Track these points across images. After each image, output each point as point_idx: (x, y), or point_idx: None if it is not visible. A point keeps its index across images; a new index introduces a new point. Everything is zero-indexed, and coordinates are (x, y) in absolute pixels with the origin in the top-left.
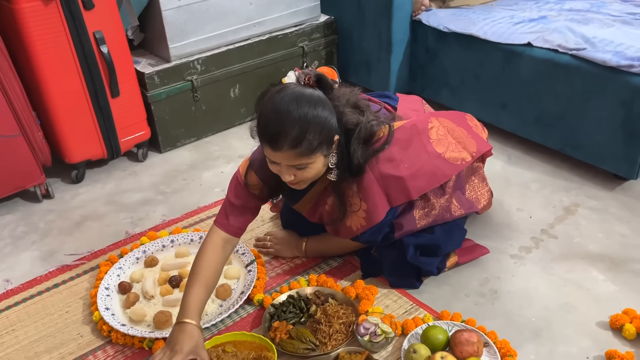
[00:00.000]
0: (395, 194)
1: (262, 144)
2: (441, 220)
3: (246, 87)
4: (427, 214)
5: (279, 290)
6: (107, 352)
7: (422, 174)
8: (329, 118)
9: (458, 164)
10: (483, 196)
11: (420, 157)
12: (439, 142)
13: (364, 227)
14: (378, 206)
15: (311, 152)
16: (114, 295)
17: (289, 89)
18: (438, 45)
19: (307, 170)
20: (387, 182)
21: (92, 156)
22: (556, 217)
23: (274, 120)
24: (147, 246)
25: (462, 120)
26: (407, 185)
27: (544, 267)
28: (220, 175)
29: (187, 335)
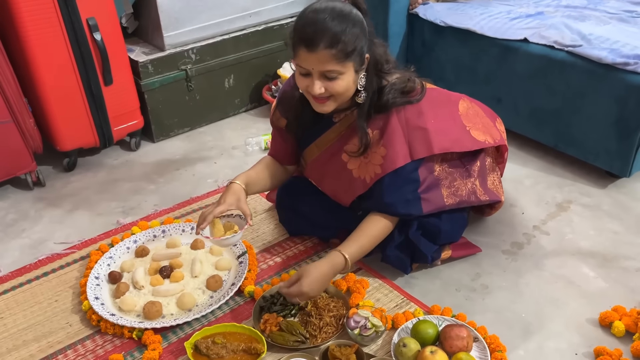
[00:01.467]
0: (419, 145)
1: (297, 50)
2: (467, 202)
3: (241, 77)
4: (454, 192)
5: (270, 282)
6: (96, 341)
7: (448, 133)
8: (362, 34)
9: (481, 141)
10: (501, 193)
11: (447, 120)
12: (467, 118)
13: (378, 175)
14: (398, 153)
15: (345, 56)
16: (104, 285)
17: (330, 1)
18: (434, 39)
19: (338, 82)
20: (411, 131)
21: (84, 144)
22: (548, 213)
23: (314, 19)
24: (138, 236)
25: (491, 116)
26: (431, 138)
27: (536, 263)
28: (214, 166)
29: (230, 191)
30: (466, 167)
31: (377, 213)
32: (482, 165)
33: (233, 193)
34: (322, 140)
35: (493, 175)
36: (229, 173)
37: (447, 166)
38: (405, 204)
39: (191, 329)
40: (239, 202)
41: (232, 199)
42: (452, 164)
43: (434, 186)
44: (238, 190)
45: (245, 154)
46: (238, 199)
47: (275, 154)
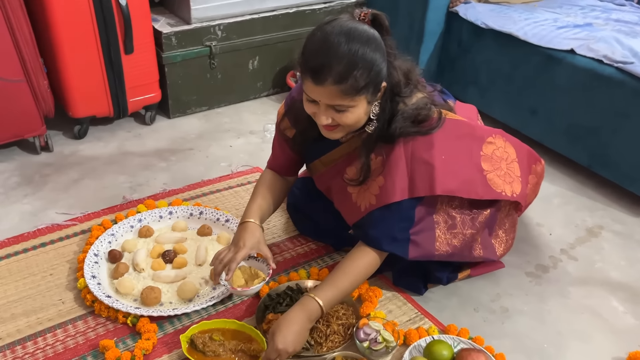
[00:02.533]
0: (420, 181)
1: (304, 78)
2: (459, 256)
3: (265, 60)
4: (448, 241)
5: (276, 279)
6: (87, 323)
7: (456, 175)
8: (379, 61)
9: (496, 191)
10: (507, 243)
11: (461, 159)
12: (489, 160)
13: (372, 206)
14: (396, 187)
15: (356, 92)
16: (103, 263)
17: (342, 21)
18: (472, 40)
19: (347, 115)
20: (415, 164)
21: (98, 113)
22: (577, 237)
23: (321, 50)
24: (143, 215)
25: (528, 159)
26: (435, 176)
27: (561, 290)
28: (228, 150)
29: (249, 233)
30: (473, 215)
31: (363, 245)
32: (493, 216)
33: (252, 234)
34: (327, 158)
35: (505, 224)
36: (243, 158)
37: (451, 208)
38: (391, 242)
39: (189, 320)
40: (260, 244)
41: (252, 242)
42: (457, 207)
43: (428, 229)
44: (256, 230)
45: (262, 140)
46: (258, 241)
47: (276, 165)
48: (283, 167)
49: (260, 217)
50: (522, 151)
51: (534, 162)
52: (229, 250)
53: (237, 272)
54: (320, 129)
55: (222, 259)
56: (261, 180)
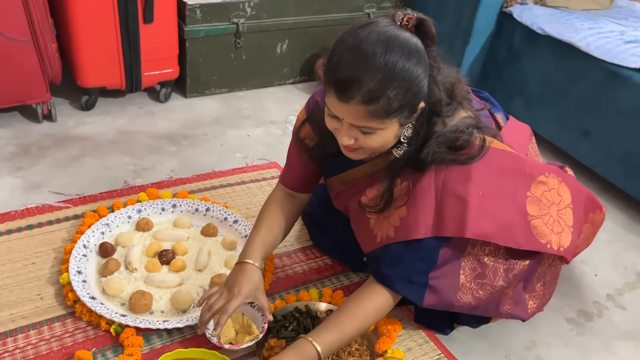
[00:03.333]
0: (449, 219)
1: (327, 89)
2: (482, 310)
3: (295, 45)
4: (473, 292)
5: (284, 297)
6: (66, 326)
7: (494, 216)
8: (421, 77)
9: (541, 242)
10: (543, 299)
11: (503, 198)
12: (537, 204)
13: (389, 238)
14: (419, 221)
15: (387, 114)
16: (92, 257)
17: (380, 26)
18: (525, 46)
19: (373, 138)
20: (446, 198)
21: (108, 84)
22: (626, 282)
23: (351, 61)
24: (144, 205)
25: (585, 206)
26: (467, 216)
27: (606, 344)
28: (246, 139)
29: (246, 277)
30: (508, 266)
31: (375, 282)
32: (532, 268)
33: (250, 280)
34: (347, 176)
35: (544, 279)
36: (261, 150)
37: (483, 254)
38: (405, 284)
39: (181, 336)
40: (257, 291)
41: (249, 289)
42: (491, 254)
43: (451, 274)
44: (255, 274)
45: (283, 132)
46: (257, 287)
47: (290, 181)
48: (298, 182)
49: (263, 255)
50: (579, 196)
51: (593, 209)
52: (221, 295)
53: (227, 321)
54: (341, 148)
55: (212, 306)
56: (270, 203)
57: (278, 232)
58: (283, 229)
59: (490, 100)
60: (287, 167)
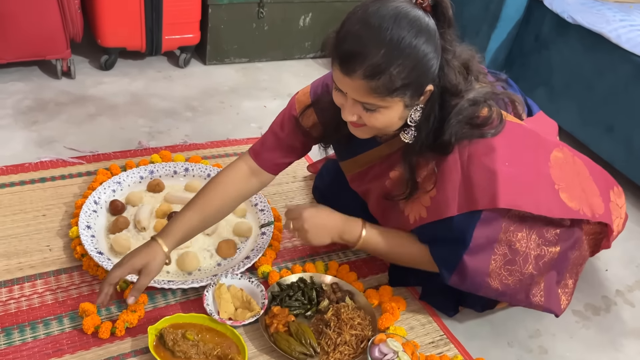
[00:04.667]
0: (479, 192)
1: (332, 62)
2: (511, 297)
3: (319, 18)
4: (502, 278)
5: (290, 267)
6: (72, 278)
7: (523, 186)
8: (429, 57)
9: (573, 209)
10: (571, 297)
11: (528, 169)
12: (560, 173)
13: (422, 219)
14: (449, 199)
15: (389, 92)
16: (102, 214)
17: (392, 1)
18: (554, 35)
19: (376, 116)
20: (473, 171)
21: (129, 45)
22: (637, 280)
23: (357, 34)
24: (156, 167)
25: (603, 182)
26: (498, 187)
27: (612, 340)
28: (262, 110)
29: (145, 252)
30: (538, 252)
31: None
32: (564, 256)
33: (146, 255)
34: (364, 158)
35: (575, 275)
36: None
37: (515, 239)
38: (440, 257)
39: (185, 297)
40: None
41: (139, 263)
42: (524, 239)
43: (483, 257)
44: (157, 255)
45: None
46: (147, 264)
47: (265, 159)
48: (274, 162)
49: (180, 240)
50: (594, 171)
51: (611, 186)
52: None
53: (226, 297)
54: (348, 124)
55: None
56: (225, 179)
57: (213, 214)
58: (223, 209)
59: (508, 82)
60: (266, 143)
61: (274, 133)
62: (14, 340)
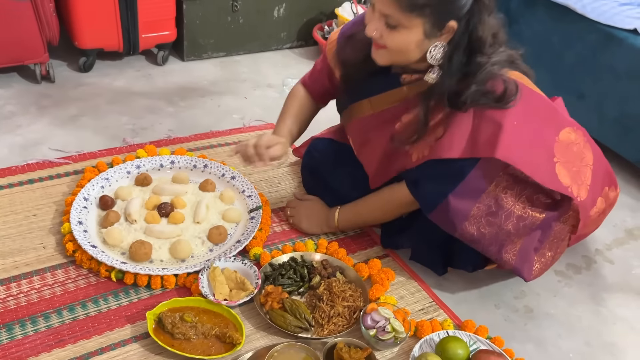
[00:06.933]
0: (482, 140)
1: None
2: (483, 246)
3: (293, 8)
4: (479, 226)
5: (280, 248)
6: (68, 272)
7: (524, 146)
8: None
9: (563, 184)
10: (545, 266)
11: (535, 134)
12: (563, 151)
13: (424, 157)
14: (454, 142)
15: (410, 8)
16: (92, 209)
17: None
18: (522, 9)
19: (395, 35)
20: (482, 122)
21: (106, 46)
22: (615, 238)
23: None
24: (142, 161)
25: (603, 178)
26: (500, 138)
27: (593, 295)
28: (243, 102)
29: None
30: (522, 214)
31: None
32: (546, 225)
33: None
34: (380, 99)
35: (556, 249)
36: (258, 112)
37: (503, 195)
38: (425, 194)
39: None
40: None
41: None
42: (511, 198)
43: (468, 201)
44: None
45: (280, 95)
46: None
47: (311, 88)
48: (318, 93)
49: (290, 135)
50: (600, 163)
51: (609, 184)
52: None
53: (221, 279)
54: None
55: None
56: (293, 98)
57: (301, 127)
58: (304, 124)
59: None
60: (312, 74)
61: (316, 65)
62: (15, 334)
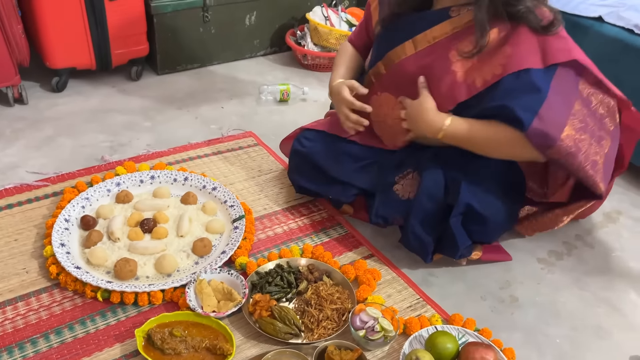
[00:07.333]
0: (554, 50)
1: None
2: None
3: (264, 16)
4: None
5: (266, 256)
6: (53, 295)
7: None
8: None
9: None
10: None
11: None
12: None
13: (495, 76)
14: (526, 55)
15: None
16: (74, 230)
17: None
18: None
19: None
20: (545, 39)
21: (78, 64)
22: (594, 222)
23: None
24: (122, 178)
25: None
26: (570, 45)
27: (576, 280)
28: (220, 111)
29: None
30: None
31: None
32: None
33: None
34: (427, 35)
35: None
36: (235, 121)
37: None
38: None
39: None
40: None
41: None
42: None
43: (560, 112)
44: None
45: (257, 103)
46: None
47: (356, 41)
48: (361, 46)
49: None
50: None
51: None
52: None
53: (208, 291)
54: None
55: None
56: (343, 52)
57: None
58: (354, 76)
59: None
60: (357, 31)
61: (361, 23)
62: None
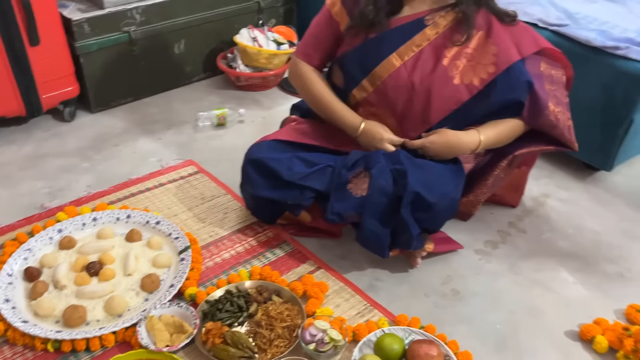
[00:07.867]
0: (525, 42)
1: None
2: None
3: (193, 43)
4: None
5: (215, 283)
6: (3, 353)
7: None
8: None
9: None
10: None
11: None
12: None
13: (491, 74)
14: (511, 50)
15: None
16: (18, 284)
17: None
18: None
19: None
20: (514, 30)
21: (7, 112)
22: (525, 208)
23: None
24: (64, 224)
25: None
26: (536, 35)
27: (511, 266)
28: (158, 142)
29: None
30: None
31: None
32: None
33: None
34: (409, 46)
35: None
36: (175, 151)
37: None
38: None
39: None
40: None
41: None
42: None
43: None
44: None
45: (194, 130)
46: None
47: (314, 59)
48: (320, 60)
49: None
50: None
51: None
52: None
53: (159, 326)
54: None
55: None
56: (314, 80)
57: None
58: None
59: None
60: (312, 46)
61: (315, 35)
62: None
